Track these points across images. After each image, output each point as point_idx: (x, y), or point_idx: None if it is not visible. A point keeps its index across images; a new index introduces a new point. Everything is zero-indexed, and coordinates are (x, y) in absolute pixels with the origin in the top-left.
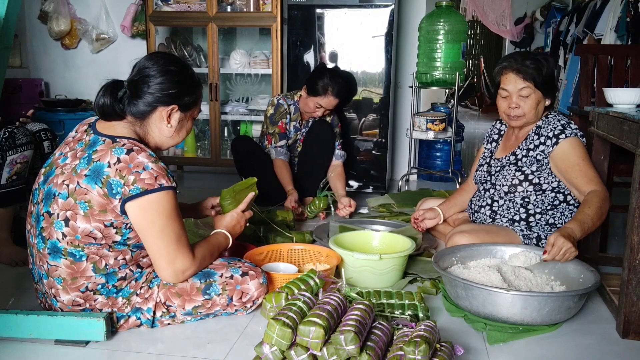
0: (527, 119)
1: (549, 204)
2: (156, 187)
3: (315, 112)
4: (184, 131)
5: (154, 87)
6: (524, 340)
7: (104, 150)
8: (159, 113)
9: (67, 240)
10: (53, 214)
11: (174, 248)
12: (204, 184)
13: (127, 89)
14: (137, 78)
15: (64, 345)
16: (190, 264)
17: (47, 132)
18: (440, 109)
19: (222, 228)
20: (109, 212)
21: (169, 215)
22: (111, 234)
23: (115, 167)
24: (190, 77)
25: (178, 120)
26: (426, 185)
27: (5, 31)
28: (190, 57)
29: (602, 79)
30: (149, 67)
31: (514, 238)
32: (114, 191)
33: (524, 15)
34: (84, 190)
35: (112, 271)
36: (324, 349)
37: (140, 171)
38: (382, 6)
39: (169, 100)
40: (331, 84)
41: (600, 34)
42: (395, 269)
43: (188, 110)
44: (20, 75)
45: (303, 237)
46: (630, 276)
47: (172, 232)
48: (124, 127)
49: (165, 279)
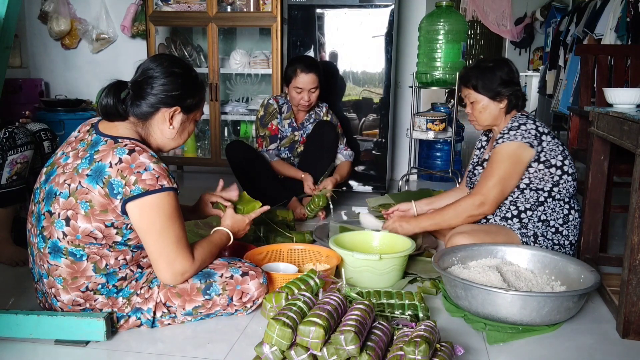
0: (480, 122)
1: (535, 201)
2: (157, 187)
3: (301, 99)
4: (185, 133)
5: (157, 89)
6: (524, 340)
7: (105, 150)
8: (161, 114)
9: (67, 239)
10: (54, 213)
11: (173, 249)
12: (204, 184)
13: (131, 89)
14: (141, 79)
15: (64, 345)
16: (189, 266)
17: (47, 132)
18: (440, 109)
19: (228, 227)
20: (109, 212)
21: (170, 217)
22: (112, 234)
23: (116, 167)
24: (194, 79)
25: (180, 122)
26: (426, 185)
27: (5, 31)
28: (190, 57)
29: (602, 79)
30: (152, 69)
31: (513, 238)
32: (115, 191)
33: (524, 15)
34: (85, 190)
35: (113, 271)
36: (324, 349)
37: (141, 172)
38: (382, 6)
39: (172, 102)
40: (297, 64)
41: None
42: (395, 269)
43: (190, 112)
44: (20, 75)
45: (303, 237)
46: (630, 276)
47: (172, 234)
48: (127, 128)
49: (164, 281)
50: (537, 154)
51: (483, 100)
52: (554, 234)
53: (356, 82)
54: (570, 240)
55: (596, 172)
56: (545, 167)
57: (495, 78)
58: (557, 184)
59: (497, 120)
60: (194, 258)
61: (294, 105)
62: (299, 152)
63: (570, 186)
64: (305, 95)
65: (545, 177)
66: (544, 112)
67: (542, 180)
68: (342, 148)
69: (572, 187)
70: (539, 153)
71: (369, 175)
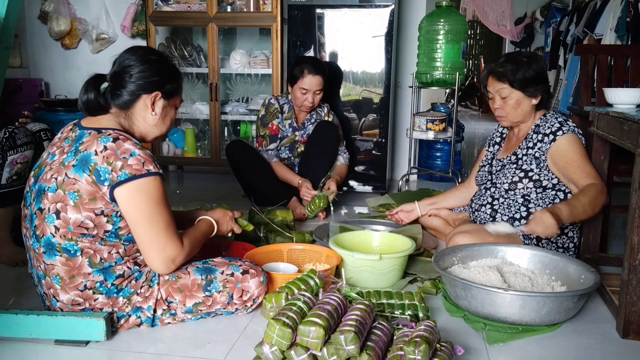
0: (511, 118)
1: (550, 202)
2: (144, 172)
3: (305, 100)
4: (168, 119)
5: (136, 76)
6: (524, 340)
7: (90, 140)
8: (142, 101)
9: (60, 233)
10: (44, 209)
11: (163, 234)
12: (204, 184)
13: (110, 81)
14: (119, 70)
15: (64, 345)
16: (179, 251)
17: (47, 132)
18: (440, 109)
19: (213, 218)
20: (98, 200)
21: (158, 201)
22: (102, 222)
23: (102, 155)
24: (171, 66)
25: (162, 108)
26: (426, 185)
27: (5, 31)
28: (190, 57)
29: (602, 79)
30: (129, 59)
31: (514, 238)
32: (102, 178)
33: (524, 15)
34: (72, 181)
35: (109, 265)
36: (324, 349)
37: (127, 157)
38: (382, 6)
39: (152, 88)
40: (305, 65)
41: (600, 34)
42: (395, 269)
43: (171, 98)
44: (20, 75)
45: (303, 237)
46: (630, 276)
47: (161, 219)
48: (109, 120)
49: (156, 269)
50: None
51: (517, 96)
52: (559, 236)
53: (356, 82)
54: (574, 242)
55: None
56: None
57: (531, 73)
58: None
59: (527, 116)
60: (183, 243)
61: (296, 105)
62: (300, 152)
63: None
64: (310, 96)
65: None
66: None
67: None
68: (342, 150)
69: None
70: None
71: (369, 175)
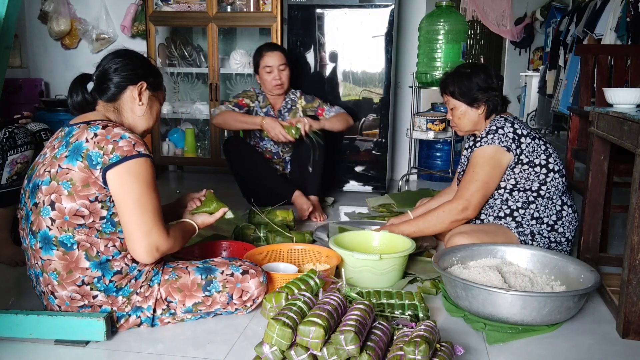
0: (461, 128)
1: (525, 201)
2: (135, 153)
3: (273, 79)
4: (154, 112)
5: (120, 69)
6: (524, 340)
7: (79, 132)
8: (129, 92)
9: (56, 225)
10: (39, 203)
11: (150, 219)
12: (204, 184)
13: (95, 81)
14: (104, 69)
15: (64, 345)
16: (164, 240)
17: (47, 132)
18: (440, 109)
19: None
20: (91, 186)
21: (148, 184)
22: (97, 209)
23: (93, 141)
24: (151, 63)
25: (148, 98)
26: (426, 185)
27: (5, 31)
28: (190, 57)
29: (602, 79)
30: (112, 59)
31: (512, 237)
32: (94, 162)
33: (524, 15)
34: (65, 171)
35: (106, 259)
36: (324, 349)
37: (118, 140)
38: (382, 6)
39: (136, 78)
40: (261, 48)
41: (600, 34)
42: (395, 269)
43: (155, 90)
44: (20, 75)
45: (303, 237)
46: (630, 276)
47: (149, 202)
48: (97, 114)
49: (138, 255)
50: (517, 156)
51: (461, 107)
52: (549, 231)
53: (356, 82)
54: (566, 237)
55: (596, 172)
56: (530, 167)
57: (472, 84)
58: (544, 182)
59: (477, 125)
60: (168, 234)
61: (268, 90)
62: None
63: (558, 183)
64: (276, 72)
65: (531, 177)
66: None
67: (529, 180)
68: (329, 109)
69: (560, 184)
70: (519, 155)
71: (369, 175)
